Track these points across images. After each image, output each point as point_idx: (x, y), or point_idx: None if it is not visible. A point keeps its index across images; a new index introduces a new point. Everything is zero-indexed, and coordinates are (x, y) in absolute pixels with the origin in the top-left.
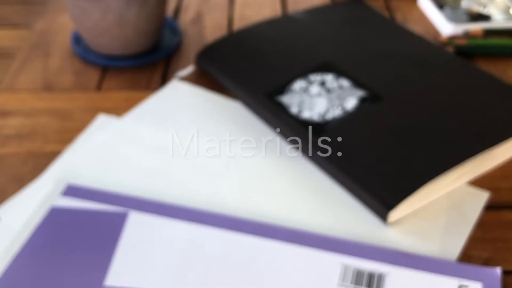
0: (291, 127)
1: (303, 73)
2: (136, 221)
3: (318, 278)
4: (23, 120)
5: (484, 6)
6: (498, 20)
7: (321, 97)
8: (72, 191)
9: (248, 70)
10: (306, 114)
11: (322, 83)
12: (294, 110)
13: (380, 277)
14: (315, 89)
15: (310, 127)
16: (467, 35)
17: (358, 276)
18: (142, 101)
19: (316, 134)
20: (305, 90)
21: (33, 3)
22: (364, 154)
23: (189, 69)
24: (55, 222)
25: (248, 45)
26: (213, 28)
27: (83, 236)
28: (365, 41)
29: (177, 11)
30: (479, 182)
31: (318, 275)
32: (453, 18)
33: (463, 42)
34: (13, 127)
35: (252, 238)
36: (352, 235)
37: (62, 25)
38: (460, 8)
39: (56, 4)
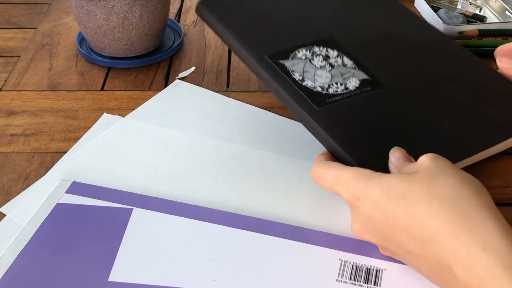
0: (293, 91)
1: (308, 44)
2: (139, 217)
3: (316, 273)
4: (29, 119)
5: (480, 8)
6: (493, 22)
7: (324, 70)
8: (77, 188)
9: (252, 28)
10: (309, 83)
11: (326, 57)
12: (297, 76)
13: (378, 273)
14: (318, 61)
15: (311, 96)
16: (462, 36)
17: (356, 271)
18: (146, 100)
19: (317, 103)
20: (310, 60)
21: (38, 4)
22: (362, 135)
23: (191, 69)
24: (60, 218)
25: (254, 3)
26: None
27: (88, 232)
28: (373, 22)
29: (179, 12)
30: None
31: (317, 270)
32: (449, 19)
33: (458, 43)
34: (19, 126)
35: (252, 234)
36: (350, 231)
37: (67, 26)
38: (456, 9)
39: (61, 5)
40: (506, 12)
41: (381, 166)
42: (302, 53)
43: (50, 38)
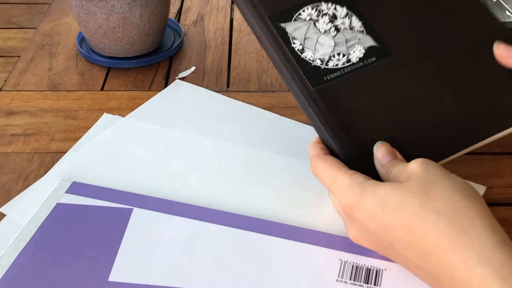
0: (290, 64)
1: None
2: (139, 217)
3: (316, 273)
4: (29, 119)
5: None
6: None
7: (328, 36)
8: (77, 188)
9: None
10: (309, 55)
11: (333, 17)
12: (297, 45)
13: (378, 273)
14: (324, 23)
15: (308, 72)
16: None
17: (356, 271)
18: (146, 100)
19: (313, 82)
20: (314, 22)
21: (38, 4)
22: (356, 123)
23: (191, 69)
24: (61, 218)
25: None
26: (215, 30)
27: (88, 232)
28: None
29: (179, 13)
30: (474, 179)
31: (317, 270)
32: None
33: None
34: (19, 126)
35: (252, 234)
36: None
37: (67, 25)
38: None
39: (61, 5)
40: (506, 12)
41: (370, 165)
42: (307, 12)
43: (50, 38)
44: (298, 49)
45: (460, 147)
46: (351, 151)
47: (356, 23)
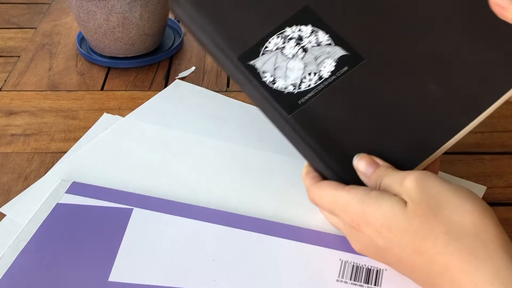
0: (264, 98)
1: (280, 27)
2: (139, 218)
3: (316, 273)
4: (29, 119)
5: None
6: None
7: (297, 60)
8: (77, 188)
9: (223, 25)
10: (281, 84)
11: (299, 39)
12: (267, 78)
13: (378, 273)
14: (290, 48)
15: (282, 101)
16: None
17: (356, 272)
18: (146, 100)
19: (288, 109)
20: (281, 50)
21: (38, 4)
22: (337, 140)
23: (191, 69)
24: (61, 218)
25: None
26: None
27: (88, 232)
28: None
29: None
30: (474, 179)
31: (317, 270)
32: None
33: None
34: (19, 126)
35: (252, 234)
36: None
37: (67, 25)
38: None
39: (61, 5)
40: None
41: (358, 178)
42: (273, 43)
43: (50, 38)
44: (269, 81)
45: (444, 140)
46: (339, 168)
47: (323, 37)
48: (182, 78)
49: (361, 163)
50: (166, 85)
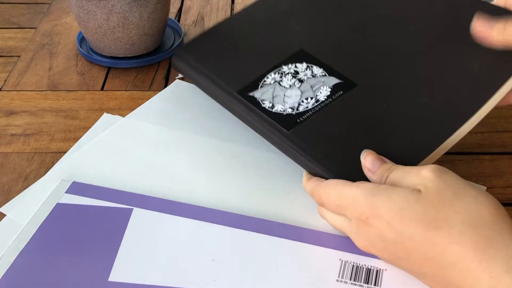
0: (264, 120)
1: (276, 65)
2: (139, 217)
3: (316, 273)
4: (29, 119)
5: None
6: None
7: (294, 89)
8: (77, 188)
9: (222, 68)
10: (279, 108)
11: (295, 73)
12: (266, 104)
13: (378, 273)
14: (288, 80)
15: (281, 121)
16: None
17: (356, 272)
18: (146, 100)
19: (287, 126)
20: (279, 82)
21: (38, 4)
22: (336, 147)
23: None
24: (60, 218)
25: (221, 41)
26: None
27: (88, 232)
28: (345, 21)
29: (179, 12)
30: (474, 179)
31: (317, 270)
32: None
33: None
34: (19, 126)
35: (252, 234)
36: None
37: (67, 25)
38: None
39: (61, 5)
40: None
41: (362, 177)
42: (271, 77)
43: (50, 38)
44: (268, 107)
45: (441, 139)
46: (341, 170)
47: (317, 70)
48: (182, 78)
49: (368, 158)
50: (166, 85)
